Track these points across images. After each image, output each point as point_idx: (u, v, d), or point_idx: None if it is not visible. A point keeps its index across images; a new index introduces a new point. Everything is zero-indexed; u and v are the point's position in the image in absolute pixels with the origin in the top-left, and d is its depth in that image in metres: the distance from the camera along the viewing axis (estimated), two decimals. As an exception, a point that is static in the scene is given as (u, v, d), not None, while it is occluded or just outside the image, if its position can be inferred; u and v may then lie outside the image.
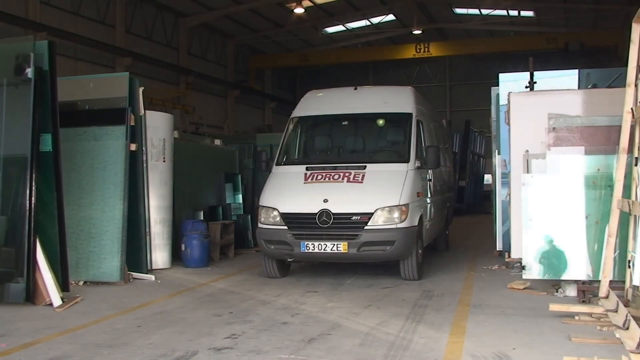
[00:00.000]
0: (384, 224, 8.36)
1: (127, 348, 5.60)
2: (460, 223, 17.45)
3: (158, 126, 10.36)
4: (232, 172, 13.76)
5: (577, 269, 7.34)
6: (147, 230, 9.66)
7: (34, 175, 7.49)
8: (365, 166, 8.96)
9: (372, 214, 8.36)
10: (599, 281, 6.88)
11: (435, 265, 10.27)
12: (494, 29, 29.27)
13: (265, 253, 9.05)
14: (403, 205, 8.44)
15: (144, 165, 9.68)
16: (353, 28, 29.35)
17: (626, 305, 6.14)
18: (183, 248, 10.55)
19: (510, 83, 10.09)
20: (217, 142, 15.06)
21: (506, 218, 9.75)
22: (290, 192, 8.95)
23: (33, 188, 7.47)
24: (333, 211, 8.41)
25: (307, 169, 9.13)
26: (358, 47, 31.20)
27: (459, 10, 27.72)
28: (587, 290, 7.18)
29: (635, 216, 6.30)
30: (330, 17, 27.37)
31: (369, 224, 8.35)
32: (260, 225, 8.98)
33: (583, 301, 7.10)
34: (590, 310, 6.44)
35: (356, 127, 10.34)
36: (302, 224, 8.58)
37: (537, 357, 5.18)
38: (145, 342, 5.79)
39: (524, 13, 27.29)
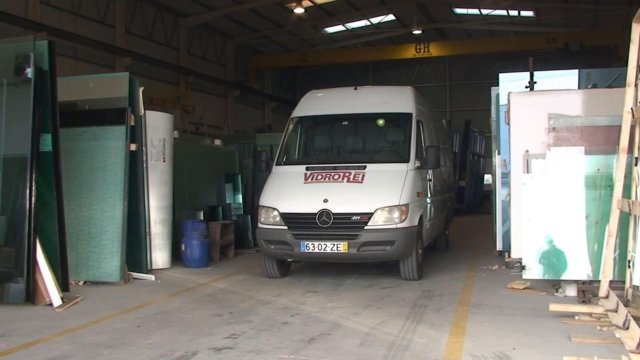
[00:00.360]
0: (384, 224, 8.36)
1: (127, 348, 5.60)
2: (460, 223, 17.45)
3: (158, 126, 10.36)
4: (232, 172, 13.76)
5: (577, 269, 7.34)
6: (147, 230, 9.66)
7: (34, 175, 7.49)
8: (365, 166, 8.96)
9: (372, 214, 8.36)
10: (599, 281, 6.88)
11: (435, 265, 10.27)
12: (494, 29, 29.28)
13: (265, 253, 9.05)
14: (403, 205, 8.44)
15: (144, 165, 9.67)
16: (353, 28, 29.35)
17: (626, 305, 6.14)
18: (183, 248, 10.55)
19: (510, 83, 10.10)
20: (217, 142, 15.06)
21: (506, 218, 9.75)
22: (290, 192, 8.94)
23: (33, 188, 7.47)
24: (333, 211, 8.41)
25: (307, 169, 9.12)
26: (358, 47, 31.20)
27: (459, 10, 27.72)
28: (587, 290, 7.18)
29: (635, 216, 6.30)
30: (330, 17, 27.37)
31: (369, 224, 8.35)
32: (260, 225, 8.98)
33: (583, 301, 7.10)
34: (590, 310, 6.44)
35: (356, 127, 10.34)
36: (302, 224, 8.58)
37: (537, 357, 5.18)
38: (145, 342, 5.79)
39: (524, 13, 27.29)
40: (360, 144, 10.05)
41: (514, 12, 27.22)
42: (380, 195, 8.52)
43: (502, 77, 10.43)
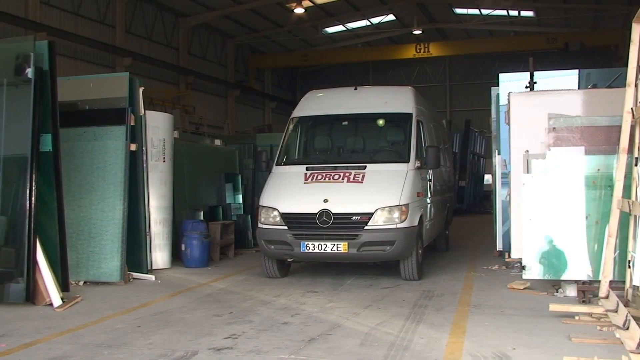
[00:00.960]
0: (384, 224, 8.36)
1: (127, 348, 5.60)
2: (460, 223, 17.45)
3: (158, 126, 10.36)
4: (232, 172, 13.77)
5: (577, 269, 7.34)
6: (147, 230, 9.66)
7: (34, 175, 7.49)
8: (366, 166, 8.96)
9: (372, 214, 8.36)
10: (599, 281, 6.88)
11: (435, 265, 10.27)
12: (494, 29, 29.27)
13: (265, 253, 9.05)
14: (403, 205, 8.44)
15: (144, 165, 9.67)
16: (353, 28, 29.34)
17: (626, 305, 6.14)
18: (183, 248, 10.55)
19: (510, 83, 10.09)
20: (217, 142, 15.05)
21: (506, 218, 9.75)
22: (291, 192, 8.95)
23: (33, 188, 7.47)
24: (333, 211, 8.41)
25: (307, 169, 9.13)
26: (358, 47, 31.20)
27: (459, 10, 27.72)
28: (587, 290, 7.18)
29: (635, 216, 6.30)
30: (330, 17, 27.37)
31: (369, 224, 8.35)
32: (260, 225, 8.98)
33: (583, 301, 7.10)
34: (590, 310, 6.44)
35: (356, 127, 10.34)
36: (302, 224, 8.58)
37: (537, 357, 5.18)
38: (145, 342, 5.80)
39: (524, 13, 27.29)
40: (360, 144, 10.05)
41: (514, 12, 27.22)
42: (380, 195, 8.52)
43: (502, 77, 10.43)
